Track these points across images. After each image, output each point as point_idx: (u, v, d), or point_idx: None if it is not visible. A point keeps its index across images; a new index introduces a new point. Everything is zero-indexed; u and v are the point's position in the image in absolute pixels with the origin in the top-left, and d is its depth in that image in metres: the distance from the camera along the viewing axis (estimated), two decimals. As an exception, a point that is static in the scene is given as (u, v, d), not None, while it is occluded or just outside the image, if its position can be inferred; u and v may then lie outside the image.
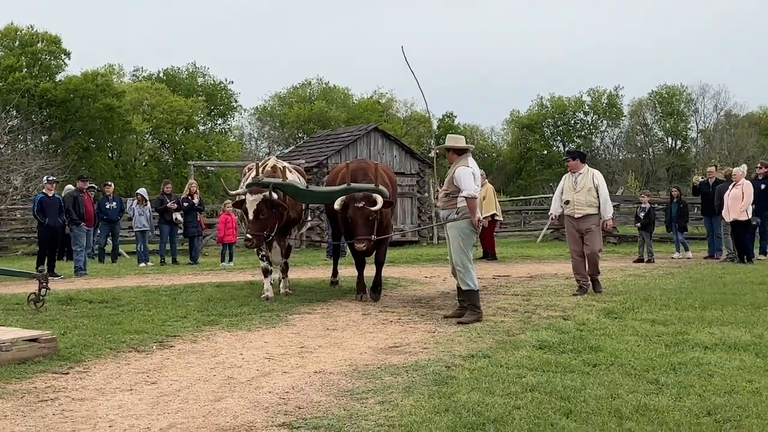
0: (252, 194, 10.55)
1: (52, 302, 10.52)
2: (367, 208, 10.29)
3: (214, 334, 8.44)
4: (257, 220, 10.49)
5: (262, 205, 10.47)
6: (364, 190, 10.50)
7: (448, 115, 71.60)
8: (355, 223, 10.37)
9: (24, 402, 5.66)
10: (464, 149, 9.48)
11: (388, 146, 27.67)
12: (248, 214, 10.54)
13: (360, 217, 10.30)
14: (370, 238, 10.32)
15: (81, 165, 46.17)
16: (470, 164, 9.24)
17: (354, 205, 10.33)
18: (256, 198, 10.48)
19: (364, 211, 10.29)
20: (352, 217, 10.36)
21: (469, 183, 9.02)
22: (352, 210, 10.34)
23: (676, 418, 4.93)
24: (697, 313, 8.87)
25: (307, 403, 5.52)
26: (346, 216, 10.53)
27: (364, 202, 10.32)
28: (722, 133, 61.76)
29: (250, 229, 10.49)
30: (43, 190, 16.02)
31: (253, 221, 10.48)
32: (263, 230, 10.61)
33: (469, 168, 9.15)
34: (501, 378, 6.01)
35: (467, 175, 9.07)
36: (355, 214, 10.31)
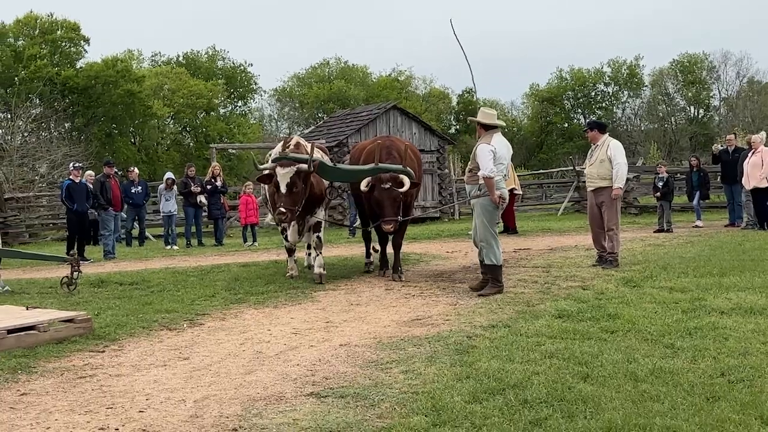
0: (283, 167, 10.25)
1: (83, 285, 10.82)
2: (394, 189, 10.28)
3: (242, 312, 8.69)
4: (290, 193, 10.20)
5: (295, 178, 10.21)
6: (393, 170, 10.43)
7: (467, 91, 71.45)
8: (381, 205, 10.34)
9: (64, 379, 5.92)
10: (492, 126, 9.34)
11: (407, 124, 27.77)
12: (279, 188, 10.21)
13: (387, 199, 10.28)
14: (396, 220, 10.32)
15: (104, 151, 46.70)
16: (493, 142, 9.10)
17: (381, 187, 10.29)
18: (288, 171, 10.19)
19: (391, 192, 10.27)
20: (379, 199, 10.33)
21: (485, 162, 8.94)
22: (379, 191, 10.30)
23: (690, 379, 5.10)
24: (715, 280, 8.99)
25: (333, 373, 5.74)
26: (372, 196, 10.50)
27: (391, 184, 10.28)
28: (745, 101, 61.36)
29: (284, 202, 10.15)
30: (70, 177, 16.33)
31: (287, 194, 10.17)
32: (296, 204, 10.31)
33: (489, 146, 9.03)
34: (520, 346, 6.20)
35: (485, 153, 8.99)
36: (382, 195, 10.29)
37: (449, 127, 69.15)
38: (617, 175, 11.00)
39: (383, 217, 10.33)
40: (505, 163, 9.30)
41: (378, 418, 4.65)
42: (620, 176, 11.03)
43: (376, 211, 10.71)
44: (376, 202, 10.44)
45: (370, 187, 10.44)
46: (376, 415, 4.69)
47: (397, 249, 11.26)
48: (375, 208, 10.65)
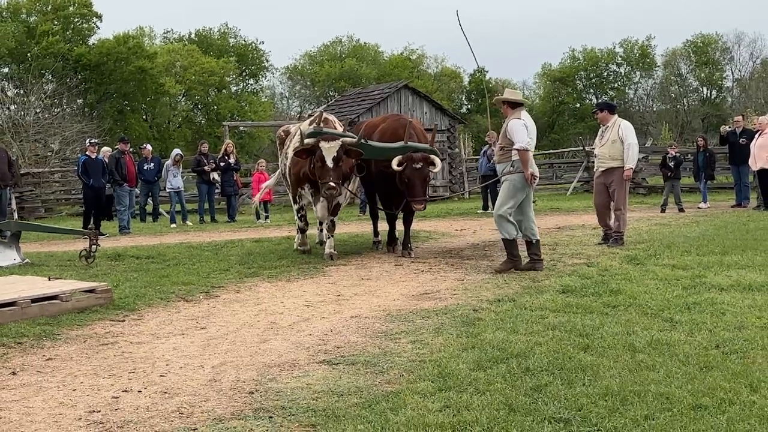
0: (327, 141, 10.14)
1: (101, 258, 11.12)
2: (425, 168, 10.32)
3: (255, 285, 8.96)
4: (336, 167, 10.10)
5: (341, 152, 10.13)
6: (422, 150, 10.47)
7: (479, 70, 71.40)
8: (412, 184, 10.28)
9: (87, 345, 6.19)
10: (518, 103, 9.46)
11: (419, 103, 27.96)
12: (325, 162, 10.04)
13: (418, 178, 10.27)
14: (426, 199, 10.44)
15: (117, 128, 47.03)
16: (523, 117, 9.23)
17: (413, 166, 10.23)
18: (333, 145, 10.09)
19: (422, 171, 10.30)
20: (410, 177, 10.25)
21: (521, 136, 9.03)
22: (410, 170, 10.22)
23: (686, 350, 5.33)
24: (716, 258, 9.22)
25: (344, 343, 6.00)
26: (402, 175, 10.32)
27: (422, 163, 10.30)
28: (758, 82, 61.13)
29: (332, 176, 10.00)
30: (87, 152, 16.61)
31: (334, 168, 10.05)
32: (340, 179, 10.24)
33: (521, 120, 9.16)
34: (524, 319, 6.45)
35: (520, 127, 9.09)
36: (413, 174, 10.23)
37: (461, 107, 69.20)
38: (629, 156, 11.15)
39: (413, 197, 10.30)
40: (534, 140, 9.35)
41: (387, 383, 4.90)
42: (632, 156, 11.20)
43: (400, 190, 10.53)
44: (407, 180, 10.29)
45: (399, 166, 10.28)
46: (385, 381, 4.94)
47: (408, 227, 11.31)
48: (402, 186, 10.44)
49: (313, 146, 10.16)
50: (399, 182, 10.44)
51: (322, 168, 10.08)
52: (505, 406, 4.34)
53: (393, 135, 10.87)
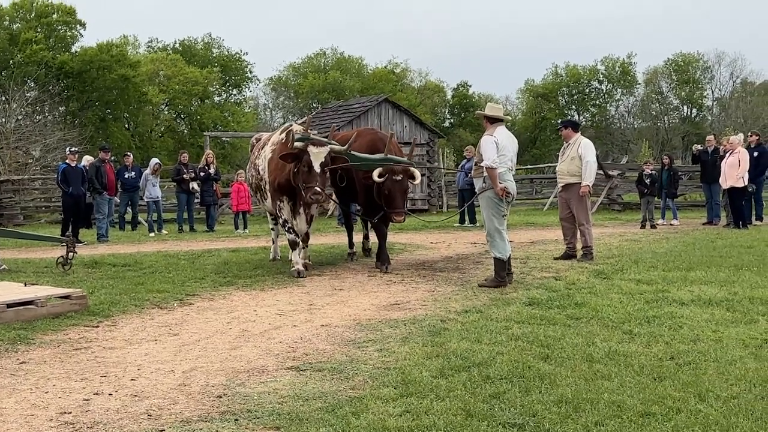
0: (316, 146, 10.07)
1: (78, 266, 11.22)
2: (405, 181, 10.44)
3: (230, 294, 9.11)
4: (323, 173, 10.06)
5: (328, 158, 10.09)
6: (402, 163, 10.61)
7: (462, 85, 71.87)
8: (392, 196, 10.36)
9: (60, 350, 6.32)
10: (497, 119, 9.54)
11: (399, 117, 28.19)
12: (312, 167, 9.91)
13: (398, 190, 10.37)
14: (405, 211, 10.52)
15: (98, 136, 46.97)
16: (496, 134, 9.29)
17: (393, 178, 10.33)
18: (322, 150, 10.04)
19: (402, 183, 10.41)
20: (390, 189, 10.34)
21: (489, 153, 9.13)
22: (391, 182, 10.32)
23: (642, 361, 5.54)
24: (681, 274, 9.47)
25: (313, 350, 6.16)
26: (381, 186, 10.40)
27: (403, 176, 10.42)
28: (738, 101, 61.83)
29: (318, 182, 9.90)
30: (67, 161, 16.69)
31: (321, 174, 9.99)
32: (325, 186, 10.19)
33: (492, 137, 9.23)
34: (489, 329, 6.64)
35: (488, 144, 9.19)
36: (394, 186, 10.32)
37: (443, 121, 69.56)
38: (586, 173, 11.44)
39: (393, 208, 10.37)
40: (509, 155, 9.41)
41: (351, 389, 5.06)
42: (589, 174, 11.49)
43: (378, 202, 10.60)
44: (387, 192, 10.37)
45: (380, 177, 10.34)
46: (350, 387, 5.11)
47: (383, 239, 11.30)
48: (380, 198, 10.51)
49: (301, 151, 10.03)
50: (377, 194, 10.53)
51: (309, 173, 9.92)
52: (463, 411, 4.52)
53: (371, 149, 10.98)
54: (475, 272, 10.60)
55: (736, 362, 5.46)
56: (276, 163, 10.69)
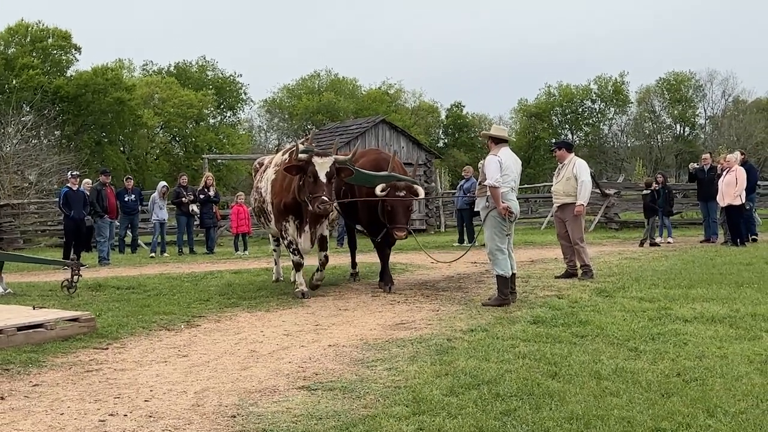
0: (321, 157, 10.07)
1: (82, 289, 11.28)
2: (408, 197, 10.52)
3: (235, 315, 9.17)
4: (329, 183, 10.00)
5: (333, 168, 10.05)
6: (406, 180, 10.70)
7: (456, 105, 72.17)
8: (395, 212, 10.42)
9: (72, 372, 6.38)
10: (501, 139, 9.69)
11: (396, 137, 28.34)
12: (318, 177, 9.89)
13: (401, 206, 10.44)
14: (408, 227, 10.57)
15: (94, 159, 47.02)
16: (500, 153, 9.41)
17: (396, 194, 10.42)
18: (327, 160, 10.03)
19: (405, 200, 10.51)
20: (393, 205, 10.41)
21: (491, 172, 9.25)
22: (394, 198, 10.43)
23: (649, 378, 5.61)
24: (682, 291, 9.56)
25: (322, 370, 6.22)
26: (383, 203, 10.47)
27: (406, 192, 10.50)
28: (730, 119, 62.09)
29: (325, 191, 9.83)
30: (68, 185, 16.79)
31: (328, 184, 9.93)
32: (332, 196, 10.13)
33: (496, 157, 9.35)
34: (496, 348, 6.71)
35: (492, 163, 9.31)
36: (396, 202, 10.42)
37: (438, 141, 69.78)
38: (581, 193, 11.64)
39: (395, 224, 10.38)
40: (513, 176, 9.49)
41: (363, 407, 5.12)
42: (584, 193, 11.70)
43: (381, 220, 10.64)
44: (390, 208, 10.43)
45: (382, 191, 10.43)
46: (362, 405, 5.17)
47: (386, 259, 11.39)
48: (383, 215, 10.58)
49: (306, 162, 10.02)
50: (381, 211, 10.59)
51: (315, 183, 9.88)
52: (475, 428, 4.59)
53: (375, 167, 11.04)
54: (478, 291, 10.69)
55: (742, 378, 5.54)
56: (280, 184, 10.77)
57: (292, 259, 10.93)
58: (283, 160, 10.84)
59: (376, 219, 10.82)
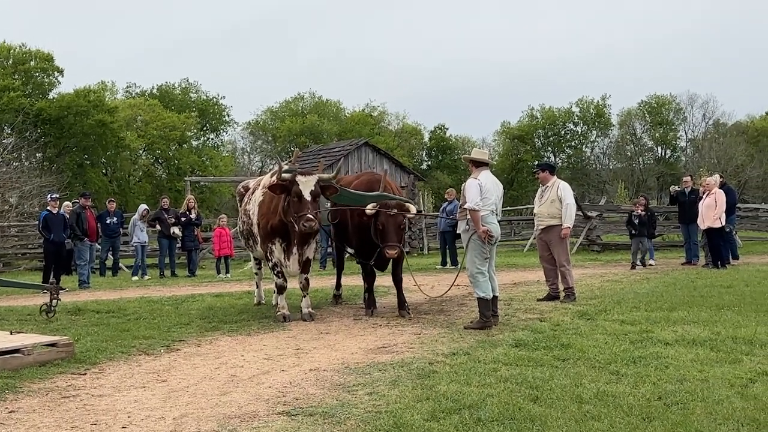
0: (304, 176, 10.12)
1: (61, 313, 11.17)
2: (399, 215, 10.41)
3: (216, 339, 9.10)
4: (314, 201, 10.00)
5: (317, 187, 10.07)
6: (398, 200, 10.68)
7: (439, 127, 72.41)
8: (386, 230, 10.31)
9: (49, 398, 6.30)
10: (482, 162, 9.77)
11: (379, 160, 28.37)
12: (302, 196, 9.91)
13: (392, 224, 10.33)
14: (400, 245, 10.49)
15: (76, 182, 46.77)
16: (481, 177, 9.49)
17: (387, 213, 10.34)
18: (310, 179, 10.06)
19: (396, 218, 10.37)
20: (384, 224, 10.32)
21: (471, 195, 9.30)
22: (385, 217, 10.32)
23: (630, 401, 5.60)
24: (664, 314, 9.59)
25: (303, 395, 6.18)
26: (375, 222, 10.41)
27: (397, 210, 10.42)
28: (711, 142, 62.62)
29: (309, 209, 9.84)
30: (48, 207, 16.67)
31: (312, 202, 9.94)
32: (317, 215, 10.12)
33: (476, 180, 9.43)
34: (478, 371, 6.69)
35: (472, 187, 9.37)
36: (388, 220, 10.31)
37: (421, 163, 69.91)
38: (566, 215, 11.70)
39: (387, 242, 10.25)
40: (493, 199, 9.54)
41: (344, 433, 5.09)
42: (569, 216, 11.76)
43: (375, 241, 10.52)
44: (381, 227, 10.35)
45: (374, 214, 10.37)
46: (342, 431, 5.13)
47: (399, 285, 11.20)
48: (376, 235, 10.47)
49: (290, 181, 10.05)
50: (373, 231, 10.52)
51: (300, 202, 9.91)
52: (456, 454, 4.56)
53: (368, 188, 10.99)
54: (460, 314, 10.67)
55: (723, 402, 5.53)
56: (267, 206, 10.75)
57: (276, 282, 10.88)
58: (271, 182, 10.80)
59: (369, 240, 10.71)
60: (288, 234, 10.50)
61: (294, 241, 10.54)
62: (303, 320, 10.50)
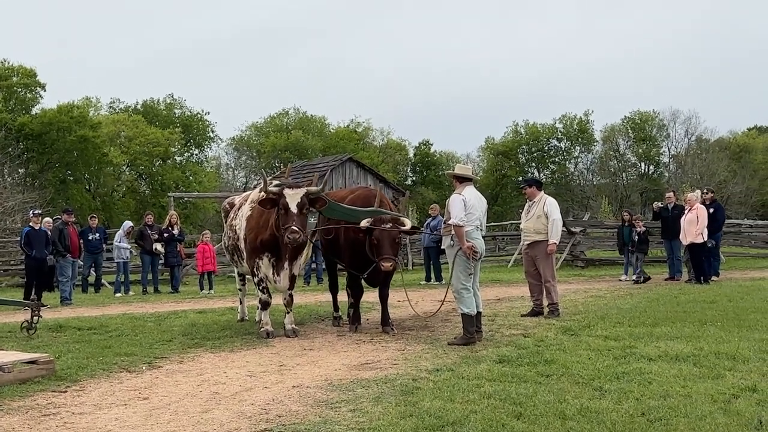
0: (291, 188, 10.15)
1: (42, 330, 11.07)
2: (394, 229, 10.41)
3: (199, 356, 9.03)
4: (301, 214, 10.01)
5: (305, 199, 10.08)
6: (392, 215, 10.64)
7: (424, 143, 72.60)
8: (381, 244, 10.27)
9: (29, 417, 6.23)
10: (466, 178, 9.80)
11: (363, 175, 28.44)
12: (289, 209, 9.93)
13: (387, 238, 10.29)
14: (395, 258, 10.39)
15: (59, 198, 46.57)
16: (464, 192, 9.52)
17: (381, 226, 10.32)
18: (297, 192, 10.09)
19: (391, 232, 10.36)
20: (379, 238, 10.29)
21: (455, 211, 9.33)
22: (379, 231, 10.31)
23: (614, 418, 5.60)
24: (647, 330, 9.61)
25: (286, 412, 6.14)
26: (369, 237, 10.39)
27: (392, 225, 10.40)
28: (694, 158, 62.99)
29: (295, 221, 9.84)
30: (30, 223, 16.56)
31: (298, 215, 9.94)
32: (305, 228, 10.09)
33: (460, 196, 9.46)
34: (461, 388, 6.67)
35: (455, 202, 9.41)
36: (382, 234, 10.28)
37: (406, 179, 70.04)
38: (553, 231, 11.76)
39: (382, 255, 10.17)
40: (477, 214, 9.56)
41: (326, 451, 5.06)
42: (556, 232, 11.82)
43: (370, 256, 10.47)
44: (377, 241, 10.31)
45: (367, 229, 10.35)
46: (325, 449, 5.11)
47: (385, 300, 11.17)
48: (371, 250, 10.41)
49: (278, 195, 10.08)
50: (368, 246, 10.47)
51: (286, 215, 9.94)
52: (439, 471, 4.53)
53: (364, 203, 10.94)
54: (444, 330, 10.66)
55: (706, 417, 5.54)
56: (256, 220, 10.69)
57: (260, 298, 10.81)
58: (260, 196, 10.75)
59: (362, 255, 10.66)
60: (278, 249, 10.44)
61: (285, 256, 10.49)
62: (286, 336, 10.47)
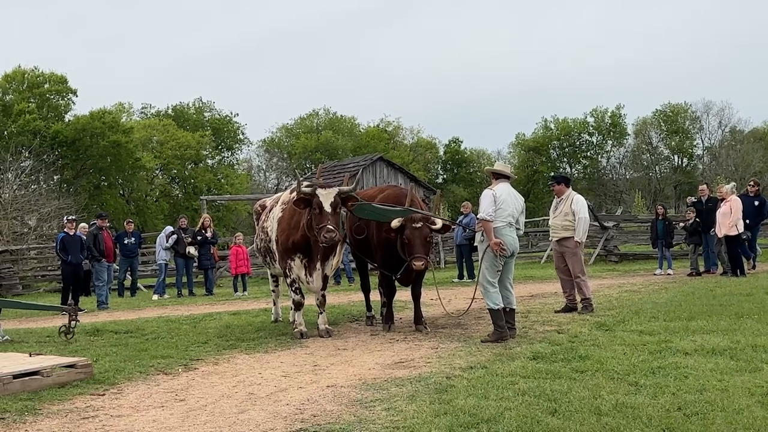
0: (324, 188, 10.21)
1: (80, 334, 11.20)
2: (425, 228, 10.37)
3: (234, 357, 9.11)
4: (335, 213, 10.10)
5: (338, 199, 10.14)
6: (423, 214, 10.62)
7: (454, 141, 72.51)
8: (412, 243, 10.26)
9: (68, 420, 6.31)
10: (501, 174, 9.84)
11: (393, 174, 28.43)
12: (323, 208, 9.99)
13: (418, 237, 10.26)
14: (427, 257, 10.38)
15: (93, 203, 47.11)
16: (497, 188, 9.52)
17: (412, 226, 10.30)
18: (330, 191, 10.17)
19: (422, 230, 10.32)
20: (410, 237, 10.27)
21: (484, 206, 9.32)
22: (410, 230, 10.28)
23: (650, 412, 5.56)
24: (683, 324, 9.52)
25: (321, 411, 6.17)
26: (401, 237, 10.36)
27: (422, 223, 10.37)
28: (728, 150, 62.38)
29: (330, 221, 9.91)
30: (65, 229, 16.78)
31: (332, 214, 10.03)
32: (338, 227, 10.19)
33: (491, 191, 9.46)
34: (495, 385, 6.66)
35: (485, 197, 9.40)
36: (413, 233, 10.25)
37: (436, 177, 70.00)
38: (579, 229, 11.74)
39: (413, 254, 10.16)
40: (510, 210, 9.50)
41: (362, 450, 5.08)
42: (582, 230, 11.80)
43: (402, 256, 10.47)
44: (407, 240, 10.30)
45: (399, 228, 10.32)
46: (360, 447, 5.13)
47: (418, 299, 11.21)
48: (403, 250, 10.41)
49: (311, 194, 10.13)
50: (399, 247, 10.47)
51: (320, 214, 9.99)
52: (474, 468, 4.53)
53: (395, 202, 10.91)
54: (477, 327, 10.64)
55: (743, 411, 5.48)
56: (287, 221, 10.73)
57: (293, 298, 10.85)
58: (291, 197, 10.80)
59: (394, 255, 10.65)
60: (310, 249, 10.48)
61: (317, 257, 10.53)
62: (320, 337, 10.51)
